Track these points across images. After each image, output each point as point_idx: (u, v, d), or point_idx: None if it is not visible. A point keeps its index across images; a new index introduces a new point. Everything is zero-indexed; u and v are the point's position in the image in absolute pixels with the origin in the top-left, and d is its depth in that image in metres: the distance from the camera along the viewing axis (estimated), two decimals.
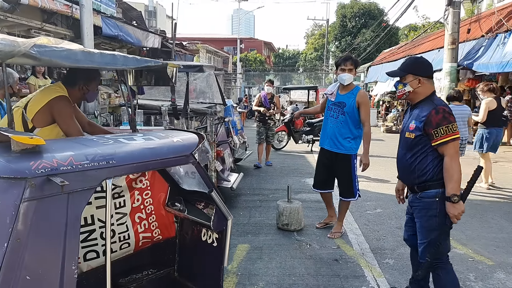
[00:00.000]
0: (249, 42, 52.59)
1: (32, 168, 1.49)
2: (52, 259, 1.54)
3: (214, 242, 2.47)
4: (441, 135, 2.47)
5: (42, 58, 2.14)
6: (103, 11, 10.13)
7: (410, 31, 32.39)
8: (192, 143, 2.15)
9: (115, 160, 1.76)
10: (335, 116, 4.29)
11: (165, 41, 14.10)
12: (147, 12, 44.25)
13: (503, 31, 10.58)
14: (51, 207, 1.53)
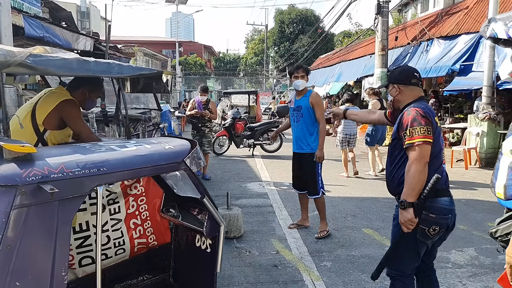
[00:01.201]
0: (188, 46, 51.94)
1: (23, 176, 1.53)
2: (42, 265, 1.57)
3: (207, 248, 2.50)
4: (407, 137, 2.25)
5: (37, 68, 2.19)
6: (26, 10, 9.42)
7: (344, 38, 33.84)
8: (184, 150, 2.18)
9: (106, 167, 1.79)
10: (296, 120, 4.68)
11: (98, 43, 13.42)
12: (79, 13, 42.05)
13: (426, 39, 11.37)
14: (41, 214, 1.56)
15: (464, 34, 9.89)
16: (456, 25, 10.37)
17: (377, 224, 5.12)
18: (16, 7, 8.91)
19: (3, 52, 2.02)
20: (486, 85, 8.37)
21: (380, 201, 6.21)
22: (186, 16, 46.81)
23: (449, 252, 4.13)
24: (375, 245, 4.40)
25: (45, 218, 1.57)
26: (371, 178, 7.86)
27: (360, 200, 6.28)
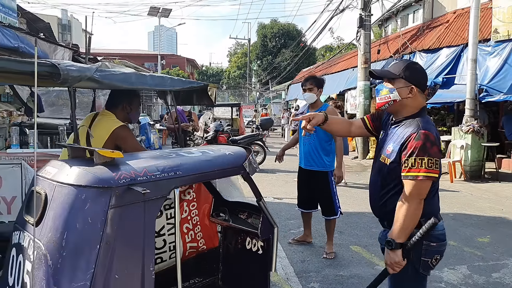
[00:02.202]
0: (171, 59, 51.69)
1: (115, 179, 1.67)
2: (134, 261, 1.71)
3: (259, 250, 2.61)
4: (408, 167, 1.89)
5: (103, 82, 2.36)
6: (1, 20, 9.09)
7: (326, 52, 34.24)
8: (241, 155, 2.33)
9: (181, 171, 1.92)
10: (308, 134, 4.31)
11: (77, 55, 13.09)
12: (60, 26, 41.36)
13: (408, 52, 11.46)
14: (131, 214, 1.70)
15: (445, 48, 10.00)
16: (438, 39, 10.49)
17: (365, 240, 4.94)
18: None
19: (77, 68, 2.20)
20: (469, 98, 8.40)
21: (366, 216, 6.05)
22: (168, 29, 46.78)
23: (441, 271, 3.97)
24: (364, 264, 4.22)
25: (135, 217, 1.72)
26: (353, 188, 7.72)
27: (346, 215, 6.09)
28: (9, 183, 3.55)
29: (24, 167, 3.57)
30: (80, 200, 1.63)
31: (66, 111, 5.74)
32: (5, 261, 1.93)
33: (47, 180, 1.79)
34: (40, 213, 1.69)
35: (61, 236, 1.60)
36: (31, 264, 1.66)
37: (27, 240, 1.77)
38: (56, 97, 5.63)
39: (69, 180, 1.69)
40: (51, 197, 1.70)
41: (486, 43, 8.79)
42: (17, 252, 1.84)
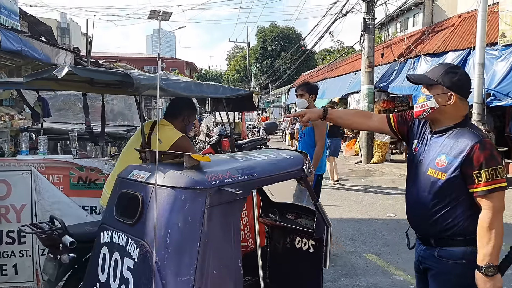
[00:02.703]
0: (170, 62, 51.64)
1: (208, 181, 1.80)
2: (227, 257, 1.85)
3: (310, 248, 2.72)
4: (485, 181, 1.75)
5: (168, 90, 2.50)
6: (3, 23, 8.99)
7: (326, 55, 34.24)
8: (300, 159, 2.49)
9: (256, 173, 2.05)
10: (300, 138, 4.66)
11: (78, 58, 13.02)
12: (59, 29, 41.23)
13: (413, 56, 11.41)
14: (222, 213, 1.83)
15: (451, 51, 9.94)
16: (443, 43, 10.44)
17: (378, 248, 4.86)
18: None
19: (146, 77, 2.34)
20: (477, 102, 8.34)
21: (377, 222, 5.97)
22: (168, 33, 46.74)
23: None
24: (380, 273, 4.14)
25: (224, 216, 1.85)
26: (361, 193, 7.64)
27: (357, 222, 6.03)
28: (18, 191, 3.45)
29: (34, 174, 3.47)
30: (180, 201, 1.77)
31: (73, 116, 5.64)
32: (92, 259, 2.06)
33: (139, 183, 1.92)
34: (138, 214, 1.83)
35: (165, 234, 1.73)
36: (133, 261, 1.79)
37: (123, 239, 1.87)
38: (63, 101, 5.52)
39: (168, 183, 1.80)
40: (149, 199, 1.82)
41: (493, 47, 8.73)
42: (109, 250, 1.95)
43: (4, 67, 9.55)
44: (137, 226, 1.82)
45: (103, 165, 3.61)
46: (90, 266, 2.09)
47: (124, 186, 2.01)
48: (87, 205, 3.65)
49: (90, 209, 3.65)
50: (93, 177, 3.64)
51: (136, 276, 1.77)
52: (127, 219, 1.89)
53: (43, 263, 2.58)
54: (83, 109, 4.05)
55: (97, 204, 3.68)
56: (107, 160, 3.67)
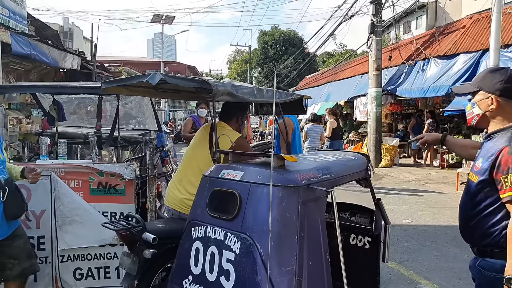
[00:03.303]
0: (172, 66, 51.52)
1: (299, 179, 1.96)
2: (318, 249, 1.99)
3: (365, 244, 2.90)
4: (510, 186, 1.68)
5: (237, 95, 2.65)
6: (13, 27, 8.93)
7: (329, 58, 34.20)
8: (363, 160, 2.67)
9: (333, 173, 2.21)
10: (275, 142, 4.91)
11: (85, 62, 12.95)
12: (62, 33, 41.21)
13: (422, 58, 11.32)
14: (311, 209, 1.98)
15: (462, 54, 9.84)
16: (454, 45, 10.34)
17: (399, 256, 4.74)
18: (2, 23, 8.43)
19: (221, 84, 2.51)
20: None
21: (394, 229, 5.84)
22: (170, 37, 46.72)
23: None
24: (404, 282, 4.04)
25: (313, 212, 2.00)
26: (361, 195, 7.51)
27: None
28: (38, 196, 3.36)
29: (53, 179, 3.38)
30: (278, 198, 1.89)
31: (86, 119, 5.55)
32: (182, 253, 2.21)
33: (235, 181, 2.07)
34: (237, 210, 1.97)
35: (267, 228, 1.81)
36: (234, 254, 1.93)
37: (221, 233, 2.02)
38: (77, 105, 5.43)
39: (265, 181, 1.93)
40: (247, 196, 1.97)
41: (506, 49, 8.64)
42: (204, 244, 2.09)
43: (13, 71, 9.49)
44: (236, 221, 1.97)
45: (124, 170, 3.51)
46: (179, 260, 2.24)
47: (216, 184, 2.18)
48: (107, 211, 3.55)
49: (109, 215, 3.54)
50: (113, 183, 3.54)
51: (239, 268, 1.90)
52: (223, 214, 2.04)
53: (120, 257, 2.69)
54: (97, 112, 3.97)
55: (117, 210, 3.59)
56: (128, 165, 3.57)
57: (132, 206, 3.59)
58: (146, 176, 3.71)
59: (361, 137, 16.08)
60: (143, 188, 3.85)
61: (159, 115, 27.35)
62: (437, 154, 11.83)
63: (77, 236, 3.37)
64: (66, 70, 11.50)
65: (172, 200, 3.02)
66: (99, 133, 4.19)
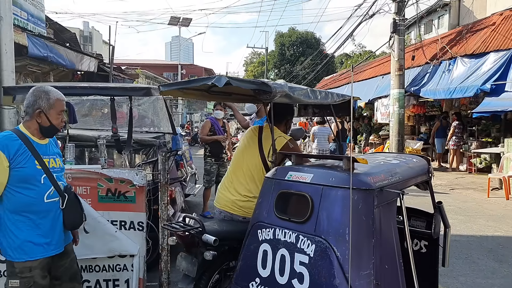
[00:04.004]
0: (189, 69, 51.78)
1: (373, 182, 1.97)
2: (392, 252, 2.02)
3: (422, 248, 2.87)
4: None
5: (293, 97, 2.63)
6: (31, 30, 8.90)
7: (348, 59, 33.67)
8: (425, 163, 2.70)
9: (400, 176, 2.20)
10: None
11: (102, 64, 12.92)
12: (82, 38, 41.95)
13: (448, 58, 10.83)
14: (384, 212, 1.99)
15: (493, 52, 9.32)
16: (483, 43, 9.83)
17: None
18: (20, 25, 8.40)
19: (278, 85, 2.51)
20: None
21: None
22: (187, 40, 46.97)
23: None
24: None
25: (386, 215, 1.98)
26: None
27: None
28: None
29: None
30: (354, 201, 1.87)
31: (99, 122, 5.36)
32: (247, 256, 2.21)
33: (303, 184, 2.06)
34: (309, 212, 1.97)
35: (343, 231, 1.83)
36: (308, 257, 1.92)
37: (292, 236, 2.01)
38: (89, 107, 5.25)
39: (339, 184, 1.94)
40: (319, 199, 1.96)
41: None
42: (273, 247, 2.08)
43: (31, 74, 9.47)
44: (309, 224, 1.96)
45: (134, 176, 3.28)
46: (244, 262, 2.23)
47: (282, 186, 2.17)
48: (116, 220, 3.32)
49: (119, 224, 3.32)
50: (123, 189, 3.31)
51: (314, 271, 1.89)
52: (294, 217, 2.04)
53: (178, 259, 2.68)
54: (110, 115, 3.76)
55: (127, 218, 3.36)
56: (138, 171, 3.33)
57: (143, 215, 3.36)
58: (158, 182, 3.47)
59: (382, 139, 15.61)
60: (156, 194, 3.62)
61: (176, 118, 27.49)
62: (463, 158, 11.30)
63: (85, 246, 3.13)
64: (83, 72, 11.48)
65: (224, 202, 3.02)
66: (116, 136, 3.98)
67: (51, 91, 2.40)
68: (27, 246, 2.26)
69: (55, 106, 2.37)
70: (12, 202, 2.25)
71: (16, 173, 2.22)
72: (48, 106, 2.34)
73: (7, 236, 2.26)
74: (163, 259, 3.38)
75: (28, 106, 2.32)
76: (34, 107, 2.31)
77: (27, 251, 2.26)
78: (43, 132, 2.37)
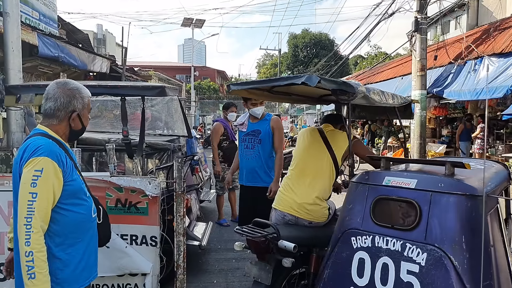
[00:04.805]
0: (202, 71, 51.80)
1: (481, 188, 1.88)
2: (504, 260, 1.97)
3: None
4: None
5: (369, 99, 2.69)
6: (42, 29, 8.70)
7: (363, 60, 33.15)
8: (504, 169, 2.66)
9: (495, 182, 2.22)
10: (250, 146, 4.16)
11: (114, 65, 12.72)
12: (96, 40, 42.36)
13: (473, 57, 10.33)
14: (493, 219, 1.97)
15: None
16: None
17: None
18: (31, 24, 8.19)
19: (359, 87, 2.50)
20: None
21: None
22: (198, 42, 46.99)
23: None
24: None
25: (495, 221, 1.98)
26: None
27: None
28: None
29: None
30: (467, 208, 1.83)
31: (109, 124, 5.04)
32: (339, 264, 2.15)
33: (407, 190, 1.99)
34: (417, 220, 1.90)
35: (459, 239, 1.78)
36: (418, 265, 1.85)
37: (397, 243, 1.94)
38: (98, 108, 4.95)
39: (449, 190, 1.89)
40: (428, 205, 1.89)
41: None
42: (371, 255, 2.02)
43: (43, 75, 9.28)
44: (417, 231, 1.90)
45: (146, 185, 2.94)
46: (334, 270, 2.17)
47: (380, 192, 2.10)
48: (126, 234, 2.99)
49: (130, 239, 2.98)
50: (134, 200, 2.98)
51: (426, 280, 1.82)
52: (397, 224, 1.98)
53: (248, 267, 2.62)
54: (121, 116, 3.44)
55: (138, 232, 3.02)
56: (151, 179, 2.99)
57: (156, 228, 3.01)
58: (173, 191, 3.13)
59: (400, 143, 15.12)
60: (170, 203, 3.28)
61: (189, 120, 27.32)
62: None
63: None
64: (96, 73, 11.28)
65: (288, 205, 2.89)
66: (127, 139, 3.65)
67: (82, 88, 2.00)
68: (83, 272, 1.90)
69: (88, 105, 2.01)
70: (62, 224, 1.81)
71: (68, 188, 1.82)
72: (83, 106, 1.97)
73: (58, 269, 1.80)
74: (178, 278, 3.03)
75: (59, 109, 1.88)
76: (68, 109, 1.90)
77: (80, 278, 1.89)
78: (70, 136, 1.99)
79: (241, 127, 4.31)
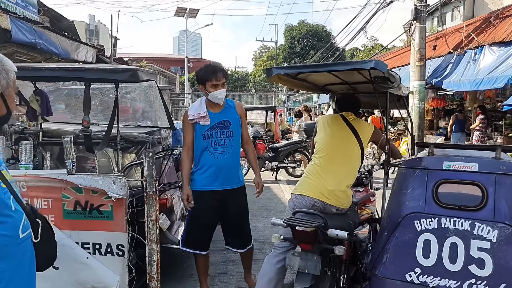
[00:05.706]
0: (197, 63, 51.15)
1: None
2: None
3: None
4: None
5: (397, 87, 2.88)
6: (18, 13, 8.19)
7: (360, 52, 32.83)
8: None
9: None
10: (220, 142, 3.19)
11: (101, 55, 12.19)
12: (88, 31, 41.64)
13: (473, 46, 9.95)
14: None
15: None
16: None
17: None
18: (6, 8, 7.67)
19: (396, 76, 2.75)
20: None
21: None
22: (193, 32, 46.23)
23: None
24: None
25: None
26: None
27: None
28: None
29: None
30: None
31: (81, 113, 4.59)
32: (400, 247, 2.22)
33: (471, 173, 2.15)
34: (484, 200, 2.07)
35: None
36: (489, 242, 2.00)
37: (465, 223, 2.07)
38: (68, 95, 4.49)
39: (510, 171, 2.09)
40: (494, 186, 2.07)
41: None
42: (438, 235, 2.13)
43: (21, 62, 8.77)
44: (485, 211, 2.05)
45: (110, 184, 2.53)
46: (394, 253, 2.23)
47: (442, 176, 2.21)
48: (88, 242, 2.59)
49: (92, 248, 2.58)
50: (96, 202, 2.57)
51: (498, 255, 1.97)
52: (464, 205, 2.10)
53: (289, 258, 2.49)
54: (83, 104, 3.02)
55: (103, 240, 2.61)
56: (116, 178, 2.58)
57: (123, 235, 2.60)
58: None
59: (397, 134, 14.77)
60: None
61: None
62: None
63: (44, 278, 2.42)
64: (81, 63, 10.77)
65: (318, 191, 2.87)
66: (87, 130, 3.19)
67: (5, 60, 1.52)
68: None
69: (14, 83, 1.54)
70: None
71: None
72: (7, 83, 1.50)
73: None
74: None
75: None
76: None
77: None
78: None
79: (203, 120, 3.19)
